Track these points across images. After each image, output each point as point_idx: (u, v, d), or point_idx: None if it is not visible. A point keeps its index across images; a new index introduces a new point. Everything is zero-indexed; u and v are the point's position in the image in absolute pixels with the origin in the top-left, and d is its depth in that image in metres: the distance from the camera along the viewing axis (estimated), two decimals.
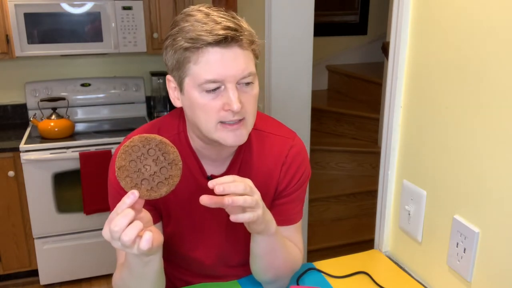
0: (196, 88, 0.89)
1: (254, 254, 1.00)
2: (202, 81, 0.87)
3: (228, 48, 0.86)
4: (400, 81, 1.17)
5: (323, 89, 4.06)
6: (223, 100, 0.89)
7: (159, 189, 0.80)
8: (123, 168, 0.79)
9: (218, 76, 0.87)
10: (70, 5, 2.52)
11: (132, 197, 0.76)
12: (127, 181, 0.79)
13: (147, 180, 0.80)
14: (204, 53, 0.86)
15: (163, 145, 0.80)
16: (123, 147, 0.79)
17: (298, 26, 2.20)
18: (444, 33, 1.01)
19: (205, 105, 0.89)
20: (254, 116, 0.95)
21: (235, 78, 0.88)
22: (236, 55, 0.87)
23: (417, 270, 1.19)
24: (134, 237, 0.75)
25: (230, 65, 0.87)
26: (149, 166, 0.80)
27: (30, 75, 2.87)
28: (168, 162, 0.80)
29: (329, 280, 1.16)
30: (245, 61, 0.88)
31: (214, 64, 0.86)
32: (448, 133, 1.03)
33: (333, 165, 3.23)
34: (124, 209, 0.76)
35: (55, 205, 2.53)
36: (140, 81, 3.02)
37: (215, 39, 0.85)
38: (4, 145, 2.45)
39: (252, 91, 0.92)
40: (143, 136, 0.80)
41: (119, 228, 0.74)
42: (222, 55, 0.86)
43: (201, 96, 0.89)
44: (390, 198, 1.27)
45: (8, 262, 2.60)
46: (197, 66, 0.87)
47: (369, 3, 4.06)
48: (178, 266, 1.17)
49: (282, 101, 2.25)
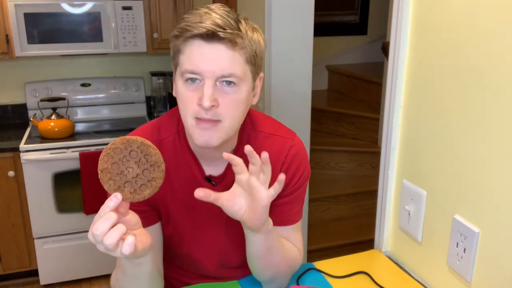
0: (180, 78, 0.91)
1: (251, 255, 0.99)
2: (184, 71, 0.90)
3: (213, 44, 0.87)
4: (400, 81, 1.17)
5: (323, 89, 4.06)
6: (199, 95, 0.89)
7: (142, 192, 0.80)
8: (106, 170, 0.79)
9: (196, 68, 0.88)
10: (70, 5, 2.52)
11: (115, 200, 0.76)
12: (110, 184, 0.79)
13: (130, 182, 0.79)
14: (189, 44, 0.89)
15: (145, 147, 0.79)
16: (105, 150, 0.79)
17: (298, 26, 2.20)
18: (444, 33, 1.01)
19: (184, 96, 0.91)
20: (235, 121, 0.93)
21: (214, 75, 0.88)
22: (220, 52, 0.88)
23: (417, 270, 1.19)
24: (116, 241, 0.74)
25: (210, 61, 0.88)
26: (131, 169, 0.79)
27: (30, 75, 2.87)
28: (151, 164, 0.80)
29: (329, 280, 1.16)
30: (229, 61, 0.88)
31: (195, 56, 0.88)
32: (448, 133, 1.03)
33: (333, 165, 3.23)
34: (107, 212, 0.75)
35: (55, 205, 2.53)
36: (140, 81, 3.02)
37: (199, 32, 0.86)
38: (4, 145, 2.45)
39: (234, 94, 0.90)
40: (124, 138, 0.79)
41: (100, 232, 0.74)
42: (205, 49, 0.88)
43: (184, 86, 0.91)
44: (390, 198, 1.27)
45: (8, 262, 2.60)
46: (183, 56, 0.90)
47: (369, 3, 4.06)
48: (178, 267, 1.17)
49: (282, 101, 2.25)
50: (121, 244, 0.75)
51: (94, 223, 0.76)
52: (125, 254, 0.75)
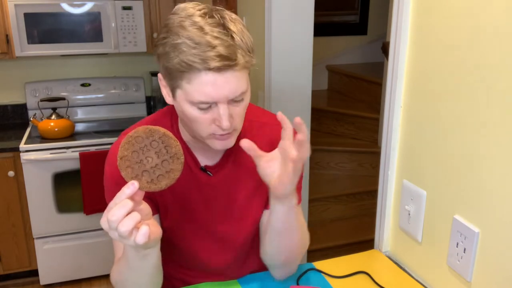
0: (187, 103, 0.90)
1: (272, 229, 1.01)
2: (195, 100, 0.88)
3: (222, 74, 0.86)
4: (400, 81, 1.17)
5: (323, 89, 4.06)
6: (214, 116, 0.90)
7: (159, 182, 0.80)
8: (125, 158, 0.79)
9: (211, 98, 0.87)
10: (70, 5, 2.52)
11: (132, 187, 0.77)
12: (128, 172, 0.79)
13: (148, 172, 0.80)
14: (197, 75, 0.85)
15: (167, 138, 0.80)
16: (127, 137, 0.79)
17: (298, 26, 2.20)
18: (444, 33, 1.01)
19: (197, 118, 0.91)
20: (243, 120, 0.97)
21: (227, 99, 0.89)
22: (229, 78, 0.87)
23: (417, 270, 1.19)
24: (131, 228, 0.75)
25: (223, 88, 0.87)
26: (151, 158, 0.80)
27: (30, 75, 2.87)
28: (170, 156, 0.80)
29: (329, 280, 1.16)
30: (238, 83, 0.89)
31: (207, 88, 0.86)
32: (448, 133, 1.03)
33: (333, 165, 3.23)
34: (123, 199, 0.76)
35: (55, 205, 2.53)
36: (140, 81, 3.02)
37: (209, 68, 0.84)
38: (4, 145, 2.45)
39: (242, 103, 0.93)
40: (147, 127, 0.80)
41: (116, 218, 0.74)
42: (216, 79, 0.86)
43: (193, 110, 0.90)
44: (390, 198, 1.27)
45: (8, 262, 2.60)
46: (189, 86, 0.87)
47: (369, 3, 4.06)
48: (178, 265, 1.17)
49: (282, 101, 2.25)
50: (135, 233, 0.76)
51: (109, 209, 0.76)
52: (138, 243, 0.76)
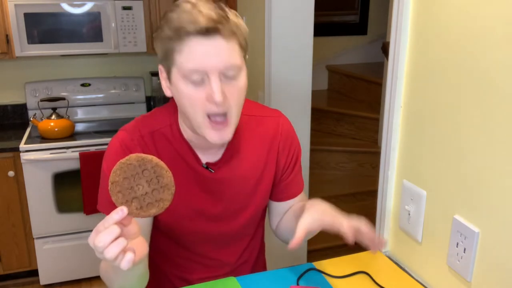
0: (181, 79, 0.91)
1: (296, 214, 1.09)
2: (186, 71, 0.89)
3: (211, 38, 0.88)
4: (400, 81, 1.17)
5: (323, 89, 4.06)
6: (206, 91, 0.90)
7: (148, 210, 0.81)
8: (116, 183, 0.79)
9: (200, 65, 0.88)
10: (70, 5, 2.52)
11: (120, 213, 0.77)
12: (119, 197, 0.80)
13: (138, 199, 0.80)
14: (187, 43, 0.88)
15: (159, 168, 0.81)
16: (119, 164, 0.80)
17: (298, 26, 2.20)
18: (444, 33, 1.01)
19: (191, 96, 0.91)
20: (239, 109, 0.96)
21: (218, 69, 0.89)
22: (219, 46, 0.89)
23: (417, 270, 1.19)
24: (116, 255, 0.76)
25: (213, 56, 0.88)
26: (141, 186, 0.80)
27: (30, 75, 2.87)
28: (161, 186, 0.81)
29: (329, 280, 1.16)
30: (228, 53, 0.90)
31: (197, 54, 0.88)
32: (448, 133, 1.03)
33: (333, 165, 3.23)
34: (111, 225, 0.76)
35: (55, 205, 2.53)
36: (140, 81, 3.02)
37: (197, 29, 0.87)
38: (4, 145, 2.45)
39: (237, 83, 0.93)
40: (140, 156, 0.80)
41: (103, 244, 0.75)
42: (205, 45, 0.88)
43: (187, 86, 0.91)
44: (390, 198, 1.27)
45: (8, 262, 2.60)
46: (181, 56, 0.89)
47: (369, 3, 4.06)
48: (174, 262, 1.18)
49: (282, 101, 2.25)
50: (121, 257, 0.77)
51: (97, 232, 0.77)
52: (123, 269, 0.77)
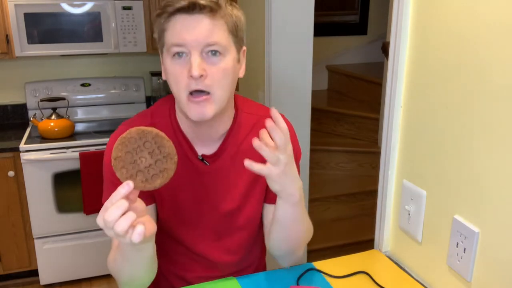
0: (168, 56, 0.95)
1: (276, 220, 1.02)
2: (169, 46, 0.93)
3: (194, 15, 0.92)
4: (400, 81, 1.17)
5: (323, 89, 4.06)
6: (187, 68, 0.93)
7: (153, 181, 0.82)
8: (119, 158, 0.80)
9: (181, 40, 0.92)
10: (70, 5, 2.52)
11: (127, 187, 0.78)
12: (123, 172, 0.80)
13: (142, 171, 0.81)
14: (172, 20, 0.93)
15: (159, 138, 0.81)
16: (120, 138, 0.81)
17: (298, 26, 2.20)
18: (444, 33, 1.01)
19: (173, 72, 0.94)
20: (225, 92, 0.97)
21: (198, 44, 0.92)
22: (201, 21, 0.92)
23: (417, 270, 1.19)
24: (126, 228, 0.76)
25: (194, 30, 0.92)
26: (144, 159, 0.81)
27: (30, 75, 2.87)
28: (164, 156, 0.81)
29: (329, 280, 1.16)
30: (211, 29, 0.92)
31: (179, 29, 0.92)
32: (448, 133, 1.03)
33: (333, 165, 3.23)
34: (118, 200, 0.77)
35: (55, 205, 2.53)
36: (140, 81, 3.02)
37: (181, 5, 0.91)
38: (4, 145, 2.45)
39: (220, 64, 0.94)
40: (140, 128, 0.81)
41: (112, 218, 0.76)
42: (187, 20, 0.92)
43: (172, 63, 0.94)
44: (390, 198, 1.27)
45: (8, 262, 2.60)
46: (167, 33, 0.94)
47: (369, 3, 4.06)
48: (173, 260, 1.18)
49: (282, 101, 2.25)
50: (131, 232, 0.77)
51: (105, 209, 0.78)
52: (134, 242, 0.77)
